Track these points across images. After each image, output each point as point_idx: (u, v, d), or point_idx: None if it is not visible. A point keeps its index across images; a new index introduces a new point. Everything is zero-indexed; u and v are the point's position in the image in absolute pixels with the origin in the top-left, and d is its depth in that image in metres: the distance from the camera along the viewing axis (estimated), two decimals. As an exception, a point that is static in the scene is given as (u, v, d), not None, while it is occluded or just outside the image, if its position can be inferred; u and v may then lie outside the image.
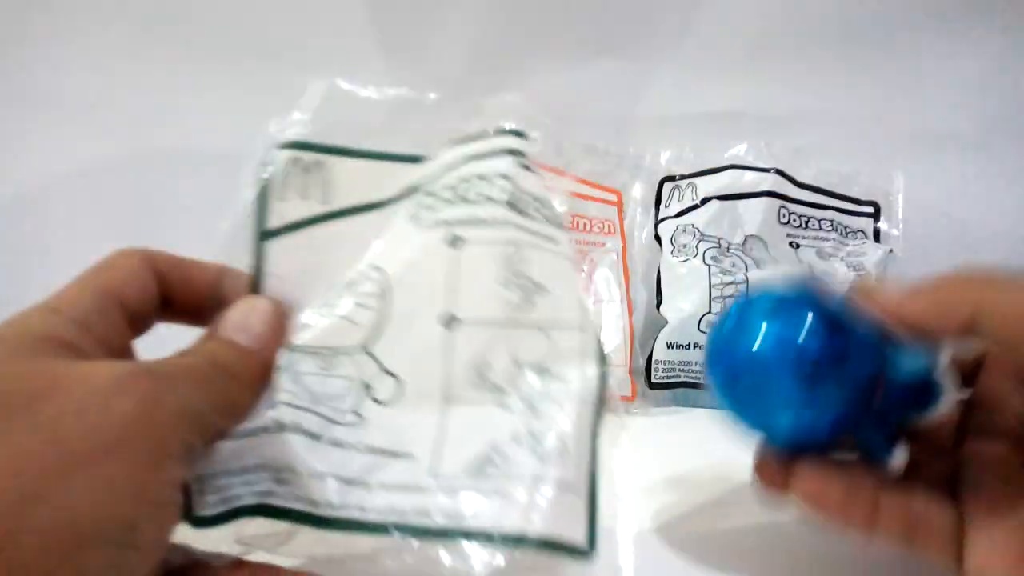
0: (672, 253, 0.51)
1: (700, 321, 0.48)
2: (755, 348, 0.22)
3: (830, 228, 0.52)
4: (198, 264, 0.24)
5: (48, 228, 0.55)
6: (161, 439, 0.17)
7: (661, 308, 0.50)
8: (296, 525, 0.20)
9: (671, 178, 0.55)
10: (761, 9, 0.56)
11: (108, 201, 0.55)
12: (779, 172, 0.51)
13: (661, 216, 0.54)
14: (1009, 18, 0.56)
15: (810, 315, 0.22)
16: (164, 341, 0.22)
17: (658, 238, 0.53)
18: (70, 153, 0.54)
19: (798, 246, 0.51)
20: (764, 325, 0.22)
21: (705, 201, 0.52)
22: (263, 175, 0.25)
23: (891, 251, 0.52)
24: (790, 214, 0.51)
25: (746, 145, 0.53)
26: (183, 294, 0.23)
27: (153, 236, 0.57)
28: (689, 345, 0.48)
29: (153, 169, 0.55)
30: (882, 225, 0.53)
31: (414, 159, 0.25)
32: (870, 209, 0.54)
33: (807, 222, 0.52)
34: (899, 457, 0.23)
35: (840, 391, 0.22)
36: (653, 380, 0.49)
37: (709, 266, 0.49)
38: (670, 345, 0.48)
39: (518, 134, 0.28)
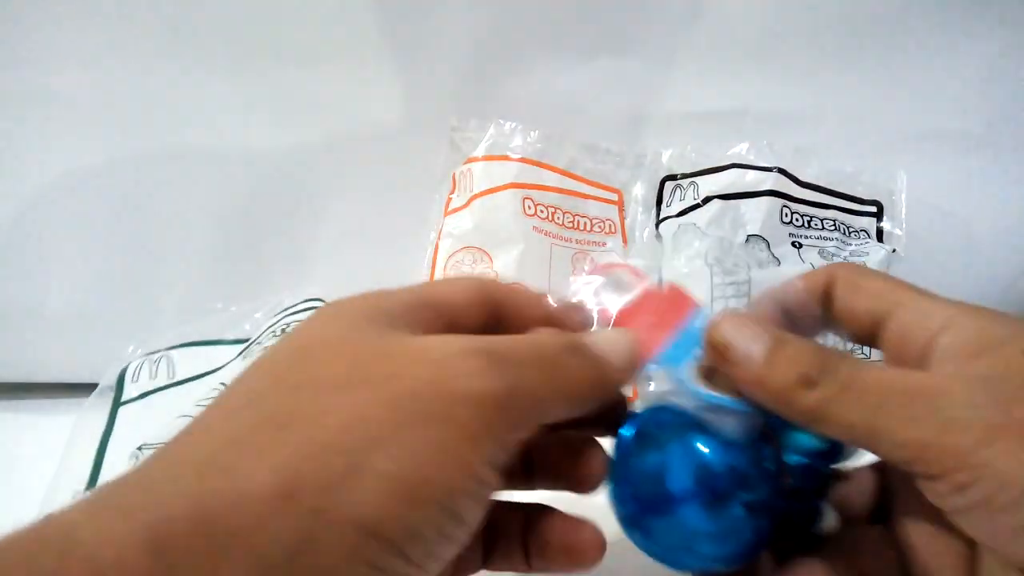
0: (673, 253, 0.51)
1: (702, 321, 0.48)
2: (656, 500, 0.21)
3: (833, 228, 0.52)
4: (527, 293, 0.24)
5: (47, 227, 0.55)
6: (486, 417, 0.17)
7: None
8: None
9: (672, 177, 0.55)
10: (763, 8, 0.56)
11: (107, 200, 0.55)
12: (781, 171, 0.51)
13: (662, 215, 0.54)
14: (1013, 15, 0.56)
15: (699, 441, 0.21)
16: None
17: (659, 238, 0.53)
18: (69, 152, 0.54)
19: (801, 246, 0.51)
20: (656, 467, 0.22)
21: (707, 200, 0.52)
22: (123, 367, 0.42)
23: (894, 251, 0.52)
24: (792, 213, 0.51)
25: (748, 144, 0.53)
26: (514, 322, 0.23)
27: (153, 235, 0.57)
28: (690, 345, 0.48)
29: (153, 168, 0.55)
30: (885, 224, 0.53)
31: (240, 341, 0.37)
32: (873, 208, 0.53)
33: (810, 221, 0.52)
34: (829, 516, 0.23)
35: (746, 503, 0.21)
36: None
37: (711, 266, 0.49)
38: (671, 345, 0.48)
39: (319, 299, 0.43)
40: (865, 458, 0.24)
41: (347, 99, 0.56)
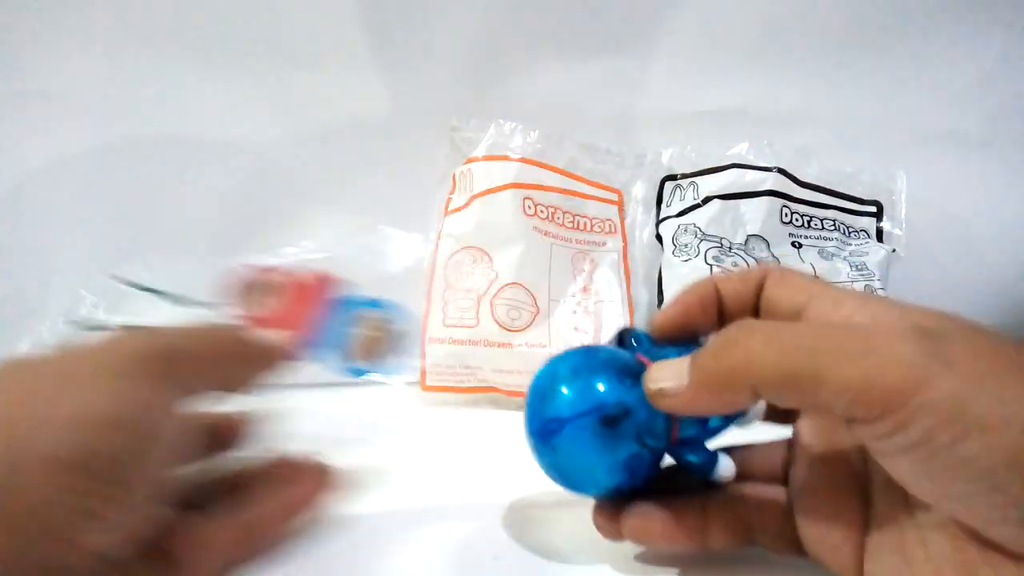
0: (674, 253, 0.51)
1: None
2: (555, 422, 0.24)
3: (832, 228, 0.52)
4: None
5: (47, 226, 0.55)
6: (154, 363, 0.21)
7: (663, 308, 0.50)
8: None
9: (672, 177, 0.55)
10: (763, 7, 0.56)
11: (107, 197, 0.55)
12: (781, 171, 0.51)
13: (662, 215, 0.54)
14: (1012, 15, 0.56)
15: (599, 381, 0.24)
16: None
17: (659, 238, 0.53)
18: (68, 149, 0.54)
19: (800, 246, 0.51)
20: (560, 396, 0.24)
21: (707, 200, 0.52)
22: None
23: (894, 251, 0.52)
24: (792, 213, 0.51)
25: (748, 144, 0.53)
26: None
27: (153, 233, 0.57)
28: (690, 345, 0.48)
29: (151, 164, 0.55)
30: (885, 224, 0.53)
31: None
32: (873, 208, 0.53)
33: (809, 221, 0.52)
34: (725, 466, 0.24)
35: (637, 440, 0.23)
36: (654, 381, 0.48)
37: (711, 266, 0.49)
38: (671, 345, 0.48)
39: None
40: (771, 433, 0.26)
41: (347, 99, 0.56)
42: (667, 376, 0.22)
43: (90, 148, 0.54)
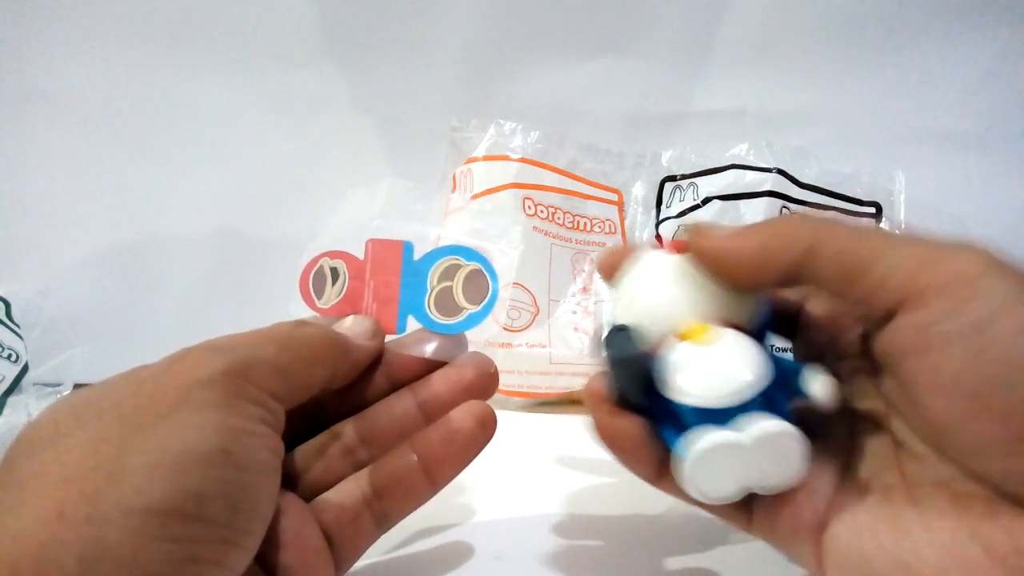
0: (673, 253, 0.51)
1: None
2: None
3: (832, 228, 0.52)
4: None
5: (47, 228, 0.55)
6: (227, 387, 0.19)
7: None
8: None
9: (672, 178, 0.55)
10: (763, 8, 0.56)
11: (108, 199, 0.55)
12: (781, 172, 0.51)
13: (662, 216, 0.54)
14: (1010, 16, 0.56)
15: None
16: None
17: (659, 238, 0.53)
18: (69, 152, 0.54)
19: (800, 246, 0.51)
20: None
21: (706, 201, 0.52)
22: None
23: (893, 251, 0.52)
24: (792, 214, 0.51)
25: (747, 145, 0.53)
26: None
27: (152, 234, 0.57)
28: (690, 346, 0.48)
29: (154, 169, 0.55)
30: (884, 225, 0.53)
31: None
32: (872, 209, 0.53)
33: (809, 222, 0.52)
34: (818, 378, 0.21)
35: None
36: (654, 381, 0.48)
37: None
38: (671, 345, 0.48)
39: None
40: None
41: (347, 99, 0.56)
42: (717, 231, 0.21)
43: (89, 149, 0.54)
